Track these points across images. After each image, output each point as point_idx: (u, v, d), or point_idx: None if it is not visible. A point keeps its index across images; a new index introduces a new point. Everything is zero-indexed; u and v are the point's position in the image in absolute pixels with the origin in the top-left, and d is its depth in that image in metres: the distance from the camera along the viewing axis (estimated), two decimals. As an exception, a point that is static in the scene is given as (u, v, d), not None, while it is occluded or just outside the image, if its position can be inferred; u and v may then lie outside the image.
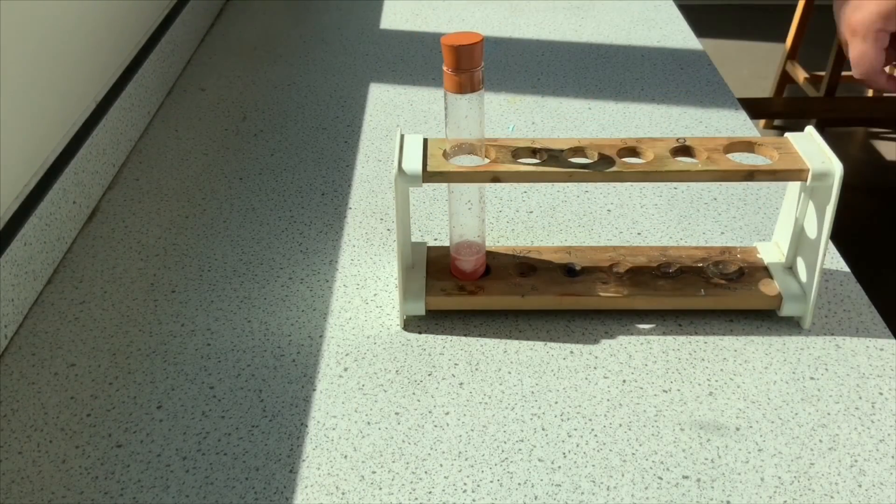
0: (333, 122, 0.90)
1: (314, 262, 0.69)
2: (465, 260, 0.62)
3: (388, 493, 0.50)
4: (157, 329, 0.62)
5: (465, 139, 0.58)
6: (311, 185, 0.79)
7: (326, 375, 0.58)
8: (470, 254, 0.62)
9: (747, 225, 0.72)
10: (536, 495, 0.50)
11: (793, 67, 2.45)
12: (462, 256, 0.62)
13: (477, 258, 0.63)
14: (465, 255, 0.62)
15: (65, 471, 0.51)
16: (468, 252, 0.62)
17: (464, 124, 0.57)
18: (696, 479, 0.50)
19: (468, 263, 0.63)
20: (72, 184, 0.72)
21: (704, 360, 0.59)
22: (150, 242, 0.72)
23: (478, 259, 0.63)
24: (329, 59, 1.04)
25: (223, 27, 1.13)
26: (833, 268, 0.67)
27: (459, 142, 0.58)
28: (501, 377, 0.58)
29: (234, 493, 0.50)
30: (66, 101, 0.75)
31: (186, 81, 0.99)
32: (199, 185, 0.79)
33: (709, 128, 0.87)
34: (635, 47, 1.05)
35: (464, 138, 0.57)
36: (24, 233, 0.64)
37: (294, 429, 0.54)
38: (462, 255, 0.62)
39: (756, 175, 0.57)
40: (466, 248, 0.62)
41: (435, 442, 0.53)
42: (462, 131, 0.57)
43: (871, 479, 0.50)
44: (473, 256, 0.62)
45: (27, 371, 0.59)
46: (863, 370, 0.58)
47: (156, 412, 0.55)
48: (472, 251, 0.62)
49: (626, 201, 0.76)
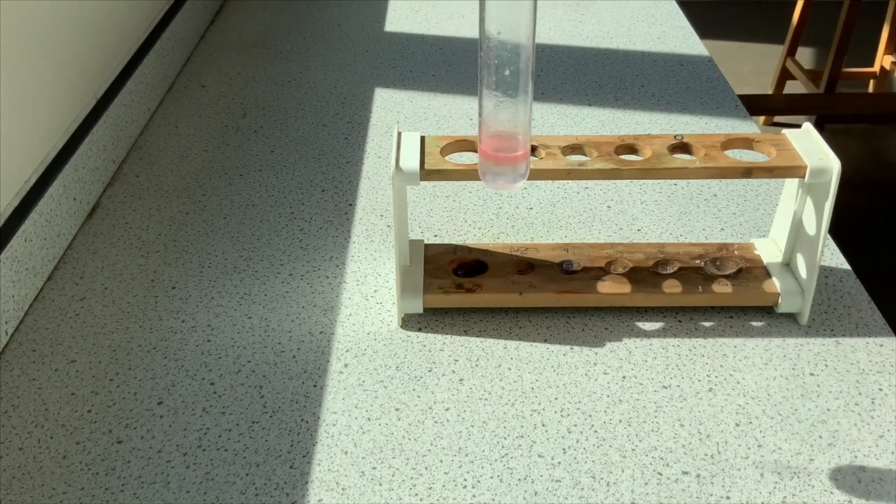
0: (333, 119, 0.90)
1: (314, 259, 0.69)
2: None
3: (388, 489, 0.50)
4: (158, 325, 0.62)
5: (464, 136, 0.58)
6: (312, 182, 0.79)
7: (327, 372, 0.58)
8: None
9: (747, 221, 0.72)
10: (536, 491, 0.50)
11: (793, 64, 2.45)
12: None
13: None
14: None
15: (65, 467, 0.52)
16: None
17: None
18: (696, 475, 0.51)
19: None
20: (72, 180, 0.72)
21: (704, 357, 0.59)
22: (151, 239, 0.72)
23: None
24: (329, 55, 1.04)
25: (223, 24, 1.13)
26: (833, 264, 0.67)
27: (458, 139, 0.58)
28: (501, 373, 0.58)
29: (234, 489, 0.50)
30: (67, 98, 0.75)
31: (186, 78, 0.99)
32: (200, 182, 0.79)
33: (709, 124, 0.87)
34: (635, 44, 1.05)
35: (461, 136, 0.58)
36: (25, 229, 0.64)
37: (294, 425, 0.54)
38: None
39: (754, 172, 0.57)
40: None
41: (435, 438, 0.53)
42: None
43: (871, 475, 0.50)
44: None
45: (28, 367, 0.59)
46: (862, 366, 0.58)
47: (156, 408, 0.56)
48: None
49: (625, 198, 0.76)
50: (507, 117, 0.49)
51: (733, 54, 2.86)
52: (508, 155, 0.51)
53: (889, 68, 2.41)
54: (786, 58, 2.47)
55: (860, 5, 2.19)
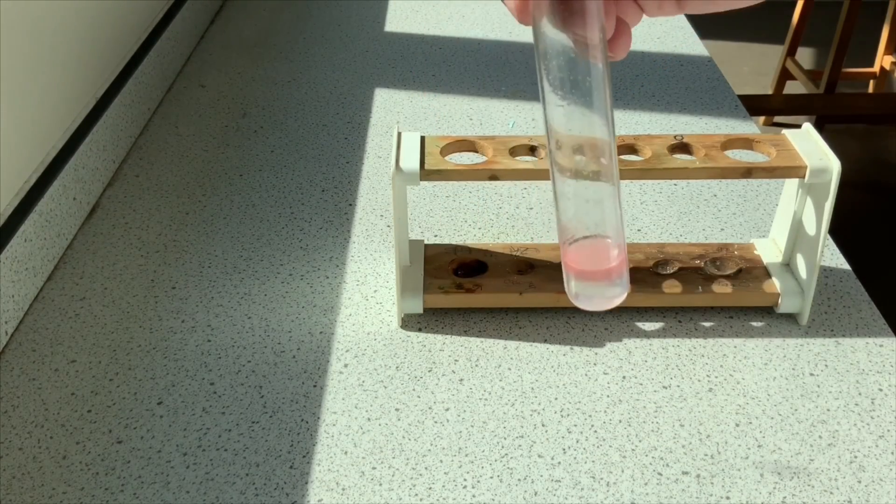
0: (334, 119, 0.90)
1: (314, 259, 0.69)
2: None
3: (388, 489, 0.50)
4: (158, 325, 0.62)
5: (464, 136, 0.58)
6: (312, 182, 0.79)
7: (327, 372, 0.58)
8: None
9: (747, 221, 0.72)
10: (536, 491, 0.50)
11: (792, 64, 2.45)
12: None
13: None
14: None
15: (65, 467, 0.52)
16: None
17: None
18: (696, 475, 0.51)
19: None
20: (72, 180, 0.72)
21: (704, 357, 0.59)
22: (151, 239, 0.72)
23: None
24: (329, 55, 1.04)
25: (223, 23, 1.13)
26: (833, 265, 0.67)
27: (457, 139, 0.58)
28: (501, 373, 0.58)
29: (234, 489, 0.50)
30: (67, 98, 0.75)
31: (186, 78, 0.99)
32: (200, 182, 0.79)
33: (709, 125, 0.87)
34: (635, 44, 1.05)
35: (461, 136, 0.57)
36: (25, 229, 0.64)
37: (294, 425, 0.54)
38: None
39: (753, 172, 0.57)
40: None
41: (435, 438, 0.53)
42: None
43: (871, 475, 0.50)
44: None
45: (28, 367, 0.59)
46: (862, 366, 0.58)
47: (156, 408, 0.56)
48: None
49: (625, 198, 0.76)
50: (593, 220, 0.37)
51: (733, 54, 2.86)
52: (598, 269, 0.38)
53: (889, 68, 2.41)
54: (786, 58, 2.47)
55: (860, 5, 2.19)
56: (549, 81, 0.36)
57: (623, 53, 0.35)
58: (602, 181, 0.36)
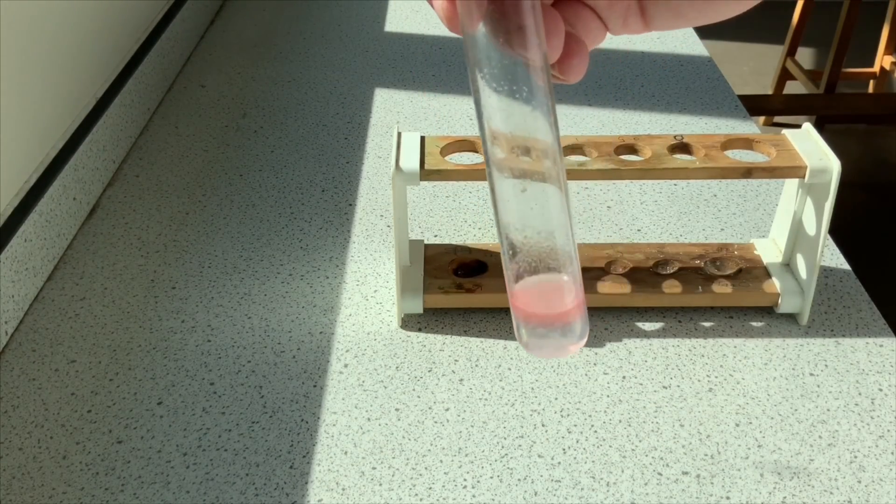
0: (333, 119, 0.90)
1: (314, 259, 0.69)
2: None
3: (388, 489, 0.50)
4: (158, 325, 0.62)
5: (464, 136, 0.58)
6: (312, 182, 0.79)
7: (327, 372, 0.58)
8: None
9: (747, 221, 0.72)
10: (536, 491, 0.50)
11: (792, 64, 2.45)
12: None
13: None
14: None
15: (65, 467, 0.52)
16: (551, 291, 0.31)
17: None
18: (696, 475, 0.51)
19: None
20: (72, 180, 0.72)
21: (704, 357, 0.59)
22: (151, 239, 0.72)
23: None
24: (329, 55, 1.04)
25: (223, 24, 1.13)
26: (833, 265, 0.67)
27: (457, 139, 0.58)
28: (501, 373, 0.58)
29: (234, 489, 0.50)
30: (67, 98, 0.75)
31: (186, 78, 0.99)
32: (200, 182, 0.79)
33: (709, 125, 0.87)
34: (635, 44, 1.05)
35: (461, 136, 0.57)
36: (25, 229, 0.64)
37: (294, 425, 0.54)
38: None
39: (753, 172, 0.57)
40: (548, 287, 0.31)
41: (435, 438, 0.53)
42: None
43: (871, 475, 0.50)
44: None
45: (28, 367, 0.59)
46: (862, 366, 0.58)
47: (156, 408, 0.56)
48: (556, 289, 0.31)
49: (625, 198, 0.76)
50: (538, 227, 0.31)
51: (733, 54, 2.86)
52: (552, 312, 0.32)
53: (889, 68, 2.41)
54: (786, 58, 2.47)
55: (860, 5, 2.19)
56: (485, 84, 0.30)
57: (576, 76, 0.30)
58: (549, 183, 0.30)
